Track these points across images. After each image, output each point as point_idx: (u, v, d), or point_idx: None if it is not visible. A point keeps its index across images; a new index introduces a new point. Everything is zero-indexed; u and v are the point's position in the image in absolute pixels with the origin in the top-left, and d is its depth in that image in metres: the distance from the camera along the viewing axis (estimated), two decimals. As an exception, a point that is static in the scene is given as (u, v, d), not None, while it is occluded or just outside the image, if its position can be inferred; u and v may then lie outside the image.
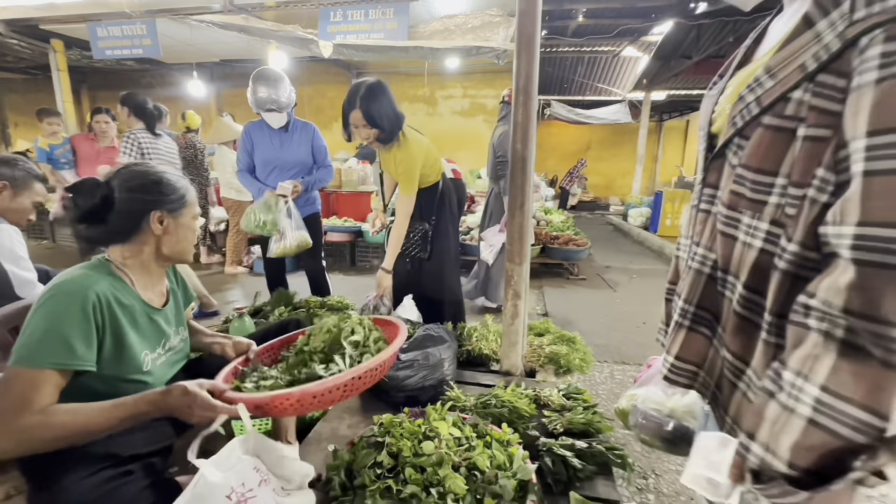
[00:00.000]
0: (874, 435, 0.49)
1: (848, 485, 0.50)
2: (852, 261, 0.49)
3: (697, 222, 0.78)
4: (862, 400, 0.49)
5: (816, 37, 0.56)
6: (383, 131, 1.87)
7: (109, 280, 0.99)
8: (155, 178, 1.05)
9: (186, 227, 1.11)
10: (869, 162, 0.49)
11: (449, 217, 2.19)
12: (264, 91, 2.34)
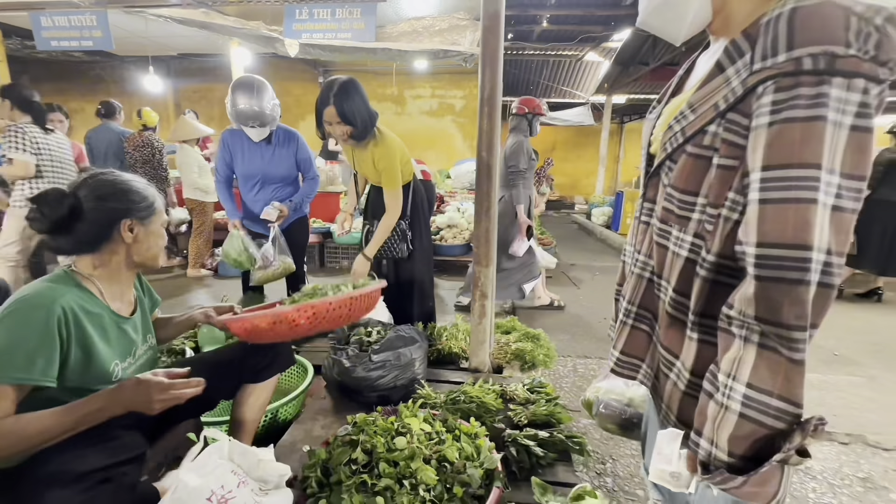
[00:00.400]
0: (791, 420, 0.59)
1: (775, 465, 0.60)
2: (754, 276, 0.59)
3: (639, 232, 0.88)
4: (779, 392, 0.58)
5: (726, 81, 0.65)
6: (356, 128, 1.89)
7: (76, 292, 0.99)
8: (124, 186, 1.05)
9: (156, 234, 1.11)
10: (762, 192, 0.58)
11: (422, 217, 2.23)
12: (245, 103, 2.16)
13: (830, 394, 2.38)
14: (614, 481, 1.67)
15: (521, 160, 3.18)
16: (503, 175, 3.35)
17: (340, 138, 1.94)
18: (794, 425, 0.58)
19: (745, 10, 0.69)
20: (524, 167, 3.21)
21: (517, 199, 3.28)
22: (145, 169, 4.41)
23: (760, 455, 0.59)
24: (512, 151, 3.22)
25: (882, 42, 0.54)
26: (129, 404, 0.90)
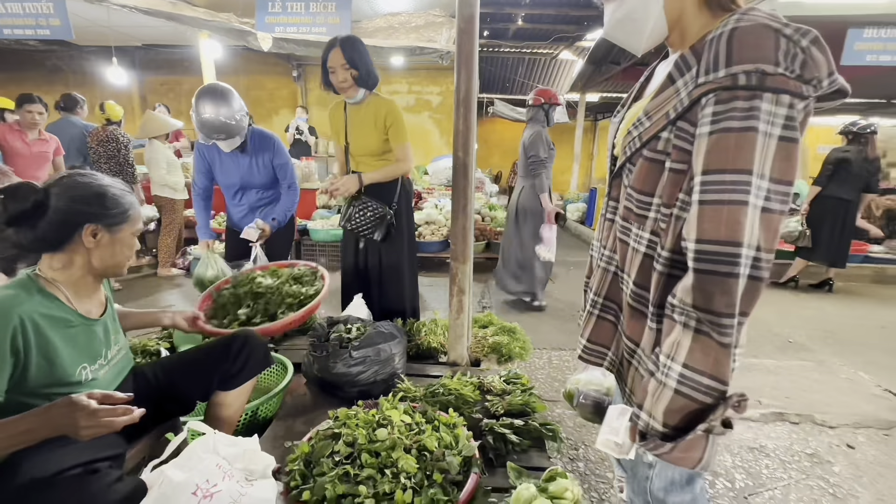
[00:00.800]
0: (718, 396, 0.66)
1: (701, 434, 0.68)
2: (692, 269, 0.66)
3: (604, 229, 0.94)
4: (710, 371, 0.66)
5: (676, 92, 0.72)
6: (361, 74, 1.93)
7: (38, 298, 0.97)
8: (99, 190, 1.04)
9: (122, 243, 1.09)
10: (702, 194, 0.65)
11: (406, 209, 2.24)
12: (210, 113, 2.05)
13: (784, 378, 2.55)
14: (586, 465, 1.76)
15: (540, 149, 3.27)
16: (524, 165, 3.42)
17: (343, 85, 1.95)
18: (720, 400, 0.65)
19: (696, 26, 0.75)
20: (544, 156, 3.29)
21: (540, 187, 3.37)
22: (110, 165, 4.24)
23: (689, 426, 0.67)
24: (531, 142, 3.29)
25: (807, 62, 0.61)
26: (56, 427, 0.84)
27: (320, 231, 4.74)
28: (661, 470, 0.87)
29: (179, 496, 0.78)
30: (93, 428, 0.83)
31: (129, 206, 1.09)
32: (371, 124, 2.05)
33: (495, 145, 12.92)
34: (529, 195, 3.44)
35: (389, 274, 2.25)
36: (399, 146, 2.07)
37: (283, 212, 2.33)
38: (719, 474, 1.75)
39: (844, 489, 1.69)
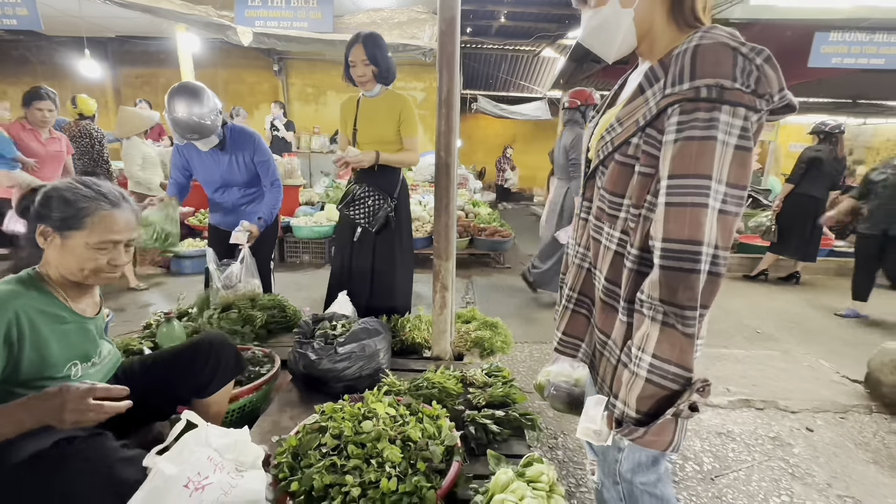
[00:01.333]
0: (684, 382, 0.73)
1: (670, 418, 0.74)
2: (658, 266, 0.72)
3: (579, 227, 1.00)
4: (676, 360, 0.72)
5: (645, 101, 0.78)
6: (380, 70, 2.05)
7: (35, 294, 0.99)
8: (53, 193, 1.02)
9: (72, 252, 1.01)
10: (667, 196, 0.71)
11: (404, 204, 2.30)
12: (183, 112, 2.01)
13: (751, 367, 2.69)
14: (564, 453, 1.84)
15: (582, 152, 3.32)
16: (563, 167, 3.48)
17: (362, 79, 2.06)
18: (686, 386, 0.72)
19: (665, 39, 0.81)
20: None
21: (576, 189, 3.43)
22: (84, 161, 4.13)
23: (660, 412, 0.73)
24: (572, 145, 3.35)
25: (761, 79, 0.68)
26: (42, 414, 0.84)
27: (304, 228, 4.71)
28: (629, 453, 0.94)
29: (171, 489, 0.81)
30: (78, 413, 0.83)
31: (86, 212, 1.02)
32: (385, 116, 2.15)
33: (479, 141, 12.97)
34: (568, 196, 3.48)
35: (382, 268, 2.28)
36: (409, 139, 2.19)
37: (269, 210, 2.33)
38: (689, 458, 1.85)
39: (802, 469, 1.81)
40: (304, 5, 4.81)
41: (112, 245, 1.05)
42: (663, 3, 0.80)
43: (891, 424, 2.13)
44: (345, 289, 2.27)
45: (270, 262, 2.71)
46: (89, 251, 1.03)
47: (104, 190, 1.06)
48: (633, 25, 0.82)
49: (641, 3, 0.80)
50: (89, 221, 1.02)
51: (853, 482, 1.73)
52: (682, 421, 0.78)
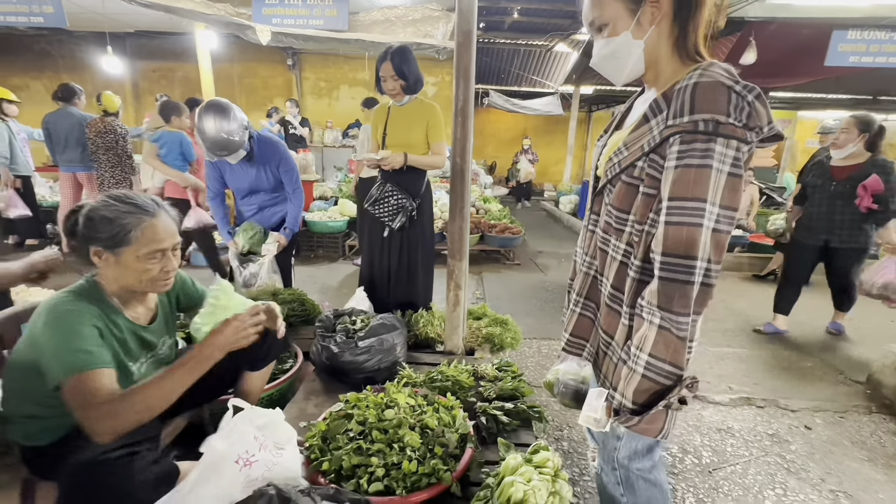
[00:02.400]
0: (675, 379, 0.83)
1: (661, 410, 0.84)
2: (658, 276, 0.81)
3: (586, 238, 1.09)
4: (670, 359, 0.82)
5: (650, 129, 0.86)
6: (408, 83, 2.19)
7: (98, 305, 1.10)
8: (95, 214, 1.08)
9: (127, 267, 1.09)
10: (667, 216, 0.80)
11: (428, 205, 2.42)
12: (212, 130, 2.14)
13: (754, 366, 2.76)
14: (569, 444, 1.94)
15: None
16: None
17: (392, 92, 2.22)
18: (677, 382, 0.82)
19: (669, 70, 0.90)
20: None
21: None
22: (108, 156, 4.29)
23: (652, 404, 0.84)
24: None
25: (752, 114, 0.76)
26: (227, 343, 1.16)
27: (318, 223, 4.84)
28: (627, 442, 1.04)
29: (225, 465, 0.93)
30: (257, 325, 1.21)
31: (130, 227, 1.07)
32: (414, 123, 2.29)
33: (490, 135, 12.97)
34: None
35: (405, 265, 2.42)
36: (437, 144, 2.32)
37: (294, 219, 2.51)
38: (688, 452, 1.95)
39: (798, 464, 1.89)
40: (320, 3, 4.89)
41: (161, 254, 1.13)
42: (669, 38, 0.88)
43: (888, 425, 2.19)
44: (374, 283, 2.43)
45: (292, 257, 2.84)
46: (141, 263, 1.10)
47: (139, 202, 1.12)
48: (642, 55, 0.91)
49: (650, 37, 0.88)
50: (134, 236, 1.08)
51: (846, 478, 1.81)
52: (672, 412, 0.88)
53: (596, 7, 0.90)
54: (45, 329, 1.01)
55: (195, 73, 6.91)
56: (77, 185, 4.56)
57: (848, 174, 2.82)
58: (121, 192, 1.14)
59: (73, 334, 1.01)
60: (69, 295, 1.08)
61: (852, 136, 2.78)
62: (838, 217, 2.87)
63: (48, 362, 1.00)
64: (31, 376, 1.04)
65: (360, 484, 1.09)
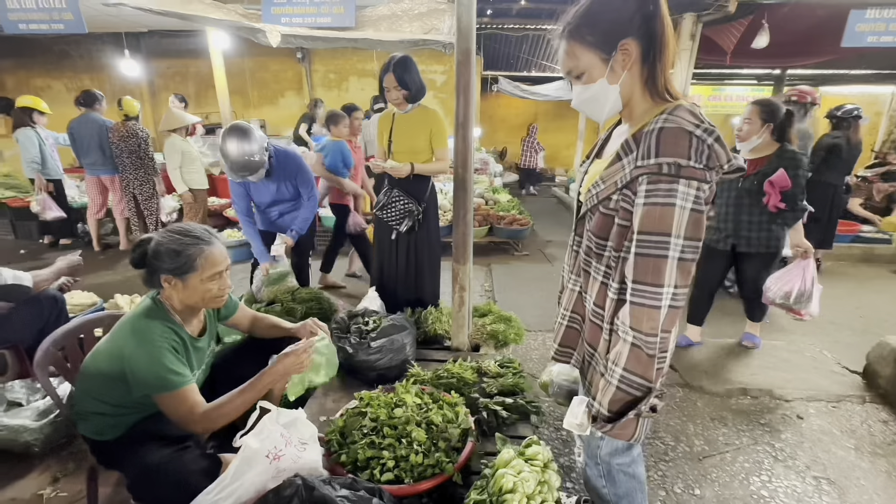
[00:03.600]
0: (646, 391, 0.95)
1: (632, 417, 0.97)
2: (629, 301, 0.93)
3: (571, 257, 1.20)
4: (640, 373, 0.94)
5: (622, 167, 0.96)
6: (410, 92, 2.31)
7: (167, 324, 1.28)
8: (161, 249, 1.25)
9: (194, 289, 1.27)
10: (637, 247, 0.91)
11: (433, 207, 2.55)
12: (235, 152, 2.33)
13: (754, 357, 2.84)
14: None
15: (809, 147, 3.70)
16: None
17: (396, 101, 2.35)
18: (647, 394, 0.94)
19: (640, 109, 1.00)
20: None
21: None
22: (132, 159, 4.50)
23: (625, 412, 0.96)
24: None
25: (711, 155, 0.86)
26: (287, 371, 1.36)
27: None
28: (608, 441, 1.17)
29: (258, 459, 1.09)
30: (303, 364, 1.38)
31: (194, 257, 1.25)
32: (417, 130, 2.40)
33: (500, 121, 12.88)
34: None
35: (412, 265, 2.57)
36: (441, 149, 2.44)
37: (303, 222, 2.70)
38: (681, 440, 2.07)
39: (786, 453, 2.00)
40: (328, 0, 4.94)
41: (219, 275, 1.32)
42: (640, 80, 0.98)
43: (880, 414, 2.28)
44: (384, 283, 2.60)
45: (309, 257, 3.01)
46: (204, 285, 1.29)
47: (197, 233, 1.30)
48: (619, 97, 1.00)
49: (624, 80, 0.98)
50: (199, 263, 1.26)
51: (831, 465, 1.92)
52: (643, 419, 1.00)
53: (571, 59, 0.99)
54: (136, 350, 1.19)
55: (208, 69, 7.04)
56: (102, 188, 4.80)
57: (755, 169, 2.47)
58: (180, 226, 1.32)
59: (161, 357, 1.20)
60: (145, 316, 1.26)
61: (756, 127, 2.43)
62: (745, 218, 2.53)
63: (142, 379, 1.19)
64: (108, 383, 1.22)
65: (373, 474, 1.25)
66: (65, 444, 1.73)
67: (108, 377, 1.21)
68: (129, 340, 1.20)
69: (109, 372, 1.21)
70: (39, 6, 5.19)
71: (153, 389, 1.20)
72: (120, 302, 2.59)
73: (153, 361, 1.19)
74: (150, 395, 1.22)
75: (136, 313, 1.26)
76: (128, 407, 1.25)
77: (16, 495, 1.50)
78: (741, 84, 10.86)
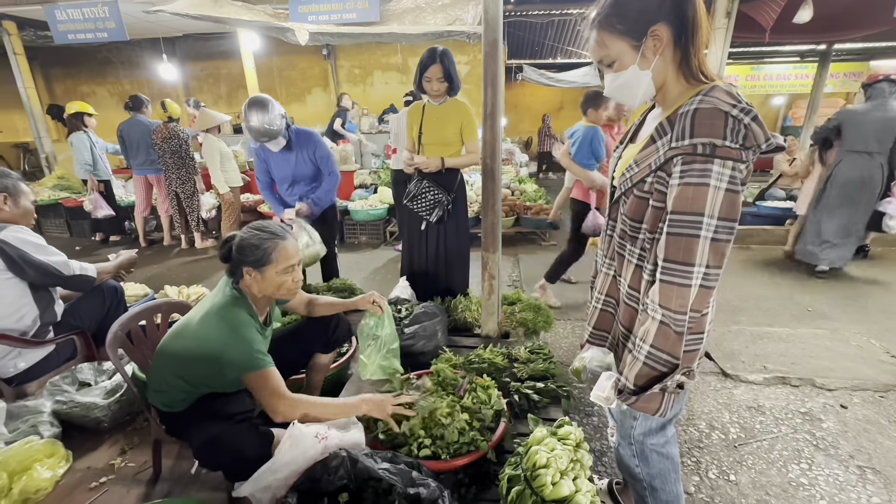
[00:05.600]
0: (672, 367, 0.97)
1: (657, 392, 0.99)
2: (659, 279, 0.95)
3: (605, 242, 1.22)
4: (667, 350, 0.96)
5: (656, 150, 0.97)
6: (452, 85, 2.36)
7: (248, 311, 1.39)
8: (244, 243, 1.36)
9: (270, 280, 1.38)
10: (669, 227, 0.93)
11: (462, 198, 2.59)
12: (255, 121, 2.47)
13: (794, 345, 2.75)
14: (599, 419, 2.11)
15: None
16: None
17: (436, 92, 2.37)
18: (673, 370, 0.96)
19: (675, 92, 1.01)
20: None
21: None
22: (174, 159, 4.74)
23: (648, 385, 0.99)
24: None
25: (748, 135, 0.86)
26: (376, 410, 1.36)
27: (360, 212, 5.12)
28: (642, 421, 1.20)
29: (307, 439, 1.19)
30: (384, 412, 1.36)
31: (270, 251, 1.36)
32: (449, 122, 2.44)
33: (526, 109, 12.72)
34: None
35: (442, 255, 2.63)
36: (472, 142, 2.47)
37: (323, 193, 2.74)
38: (715, 427, 2.05)
39: (828, 441, 1.95)
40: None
41: (292, 268, 1.42)
42: (673, 64, 0.98)
43: (933, 404, 2.17)
44: (414, 273, 2.65)
45: (334, 247, 3.10)
46: (280, 276, 1.39)
47: (273, 229, 1.40)
48: (651, 82, 1.01)
49: (656, 65, 0.98)
50: (275, 256, 1.36)
51: (877, 455, 1.86)
52: (668, 395, 1.01)
53: (602, 48, 1.00)
54: (229, 335, 1.31)
55: (239, 70, 7.31)
56: (148, 186, 5.09)
57: None
58: (259, 223, 1.42)
59: (251, 339, 1.32)
60: (232, 305, 1.37)
61: None
62: None
63: (236, 360, 1.30)
64: (193, 363, 1.34)
65: (411, 450, 1.32)
66: (129, 421, 1.90)
67: (195, 357, 1.33)
68: (221, 326, 1.31)
69: (200, 354, 1.32)
70: (85, 17, 5.51)
71: (244, 370, 1.30)
72: (169, 292, 2.77)
73: (244, 343, 1.30)
74: (239, 376, 1.32)
75: (222, 303, 1.37)
76: (193, 384, 1.37)
77: (91, 464, 1.66)
78: (782, 62, 10.27)
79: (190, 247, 5.19)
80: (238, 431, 1.28)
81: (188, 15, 4.17)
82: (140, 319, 1.60)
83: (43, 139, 6.58)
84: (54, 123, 6.94)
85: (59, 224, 6.00)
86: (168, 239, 5.34)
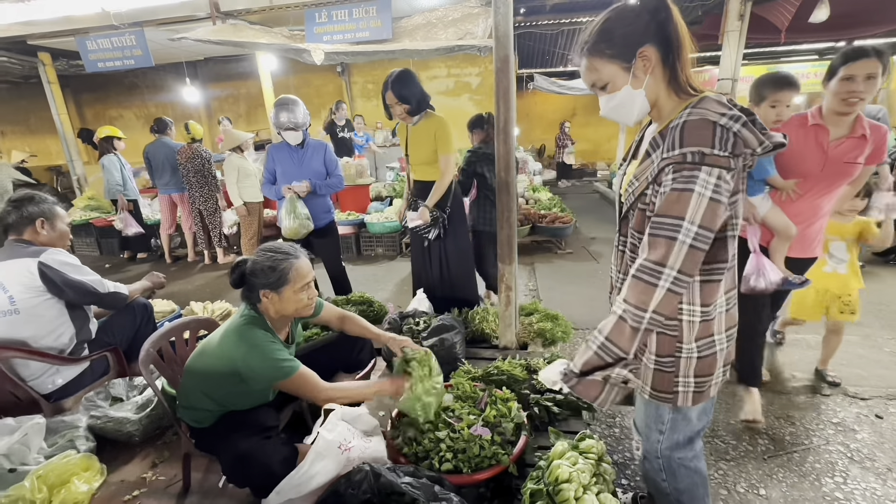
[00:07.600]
0: (616, 359, 0.97)
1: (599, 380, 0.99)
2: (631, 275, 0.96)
3: (617, 257, 1.23)
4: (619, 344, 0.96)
5: (651, 163, 1.00)
6: (411, 106, 2.38)
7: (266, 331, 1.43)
8: (257, 267, 1.40)
9: (287, 300, 1.42)
10: (651, 228, 0.95)
11: (458, 211, 2.64)
12: (284, 115, 2.80)
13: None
14: (621, 430, 2.07)
15: None
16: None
17: (400, 116, 2.44)
18: (617, 362, 0.97)
19: (668, 107, 1.04)
20: None
21: None
22: (197, 178, 4.91)
23: (590, 371, 1.00)
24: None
25: (737, 142, 0.89)
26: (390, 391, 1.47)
27: (376, 224, 5.19)
28: (669, 434, 1.19)
29: (331, 449, 1.21)
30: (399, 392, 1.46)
31: (286, 271, 1.39)
32: (426, 138, 2.47)
33: (538, 118, 12.71)
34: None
35: (446, 268, 2.66)
36: (443, 157, 2.47)
37: (326, 186, 2.94)
38: (742, 439, 2.00)
39: (864, 453, 1.88)
40: (365, 16, 5.16)
41: (307, 286, 1.46)
42: (663, 80, 1.02)
43: (976, 414, 2.07)
44: (423, 286, 2.67)
45: (341, 262, 3.15)
46: (297, 294, 1.43)
47: (285, 249, 1.45)
48: (645, 100, 1.04)
49: (648, 83, 1.01)
50: (291, 276, 1.41)
51: (917, 468, 1.78)
52: (610, 385, 1.02)
53: (593, 72, 1.03)
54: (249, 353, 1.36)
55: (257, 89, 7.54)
56: (172, 205, 5.28)
57: None
58: (270, 245, 1.47)
59: (272, 353, 1.37)
60: (248, 324, 1.41)
61: None
62: None
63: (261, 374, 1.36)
64: (218, 381, 1.39)
65: (432, 464, 1.33)
66: (159, 435, 1.96)
67: (220, 375, 1.38)
68: (241, 346, 1.36)
69: (221, 371, 1.37)
70: (114, 45, 5.79)
71: (273, 379, 1.37)
72: (195, 308, 2.85)
73: (266, 358, 1.36)
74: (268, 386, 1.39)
75: (240, 324, 1.42)
76: (220, 402, 1.42)
77: (124, 478, 1.72)
78: (799, 61, 10.07)
79: (213, 262, 5.34)
80: (264, 447, 1.32)
81: (210, 41, 4.35)
82: (170, 337, 1.66)
83: (75, 162, 6.89)
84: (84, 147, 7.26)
85: (90, 243, 6.25)
86: (192, 255, 5.50)
